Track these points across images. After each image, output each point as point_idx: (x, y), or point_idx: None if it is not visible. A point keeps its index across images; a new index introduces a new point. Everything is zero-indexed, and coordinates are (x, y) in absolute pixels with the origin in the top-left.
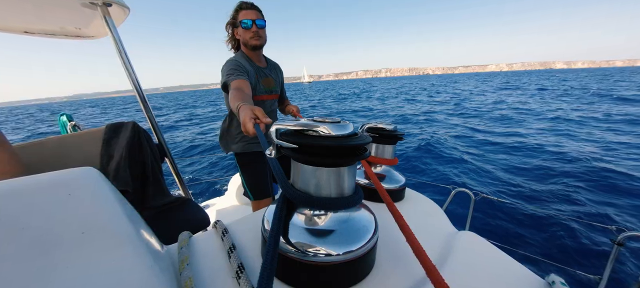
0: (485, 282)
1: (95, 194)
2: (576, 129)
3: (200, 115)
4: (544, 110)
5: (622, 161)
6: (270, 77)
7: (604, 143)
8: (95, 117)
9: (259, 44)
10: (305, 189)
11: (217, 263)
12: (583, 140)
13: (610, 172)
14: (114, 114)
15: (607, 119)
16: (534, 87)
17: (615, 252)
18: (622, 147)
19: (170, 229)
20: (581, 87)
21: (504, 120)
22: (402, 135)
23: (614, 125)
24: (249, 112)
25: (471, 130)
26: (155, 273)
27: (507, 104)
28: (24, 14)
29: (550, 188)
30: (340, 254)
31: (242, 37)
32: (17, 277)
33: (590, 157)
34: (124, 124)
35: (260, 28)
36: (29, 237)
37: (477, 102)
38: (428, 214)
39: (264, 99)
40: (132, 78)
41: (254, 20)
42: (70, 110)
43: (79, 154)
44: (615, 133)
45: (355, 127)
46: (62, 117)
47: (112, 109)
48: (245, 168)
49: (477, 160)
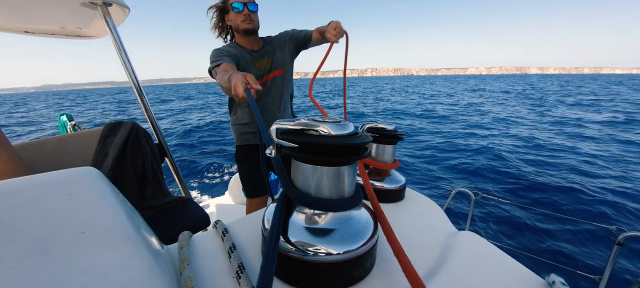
0: (485, 282)
1: (96, 194)
2: (499, 127)
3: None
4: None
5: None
6: (265, 57)
7: (521, 138)
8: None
9: (251, 27)
10: (305, 189)
11: (218, 263)
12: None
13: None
14: (84, 109)
15: (538, 120)
16: (498, 89)
17: (615, 252)
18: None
19: (170, 229)
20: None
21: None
22: (403, 135)
23: (542, 125)
24: (241, 77)
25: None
26: (156, 273)
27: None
28: (25, 14)
29: (538, 186)
30: (341, 253)
31: (233, 22)
32: (17, 276)
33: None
34: (123, 122)
35: (252, 12)
36: (29, 236)
37: (438, 102)
38: (428, 214)
39: (260, 82)
40: (133, 78)
41: (245, 3)
42: (35, 101)
43: (79, 154)
44: (535, 129)
45: (356, 126)
46: (62, 117)
47: (85, 103)
48: (240, 164)
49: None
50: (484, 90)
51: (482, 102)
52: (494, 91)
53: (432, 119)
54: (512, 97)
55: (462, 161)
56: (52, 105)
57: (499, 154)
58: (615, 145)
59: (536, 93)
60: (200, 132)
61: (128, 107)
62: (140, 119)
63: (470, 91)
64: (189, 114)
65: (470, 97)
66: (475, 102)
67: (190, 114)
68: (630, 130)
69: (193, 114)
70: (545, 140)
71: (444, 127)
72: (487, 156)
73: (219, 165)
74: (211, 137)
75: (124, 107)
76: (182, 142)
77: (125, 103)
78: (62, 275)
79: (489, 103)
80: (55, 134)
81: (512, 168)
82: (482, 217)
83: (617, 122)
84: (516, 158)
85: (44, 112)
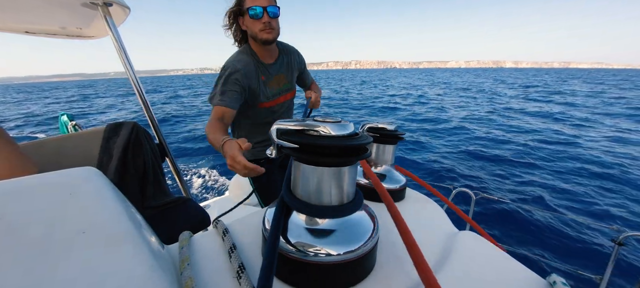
0: (485, 282)
1: (96, 194)
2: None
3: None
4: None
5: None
6: (280, 73)
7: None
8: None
9: (271, 38)
10: (305, 191)
11: (218, 263)
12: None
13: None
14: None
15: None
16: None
17: (615, 252)
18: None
19: (171, 229)
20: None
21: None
22: (403, 134)
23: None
24: (235, 145)
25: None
26: (157, 273)
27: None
28: (25, 14)
29: (535, 187)
30: (341, 254)
31: (250, 29)
32: (18, 276)
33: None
34: (124, 123)
35: (272, 18)
36: (30, 236)
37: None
38: (428, 214)
39: (272, 104)
40: (133, 78)
41: (265, 7)
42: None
43: (79, 154)
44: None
45: (356, 126)
46: (63, 117)
47: (46, 97)
48: (254, 178)
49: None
50: (449, 84)
51: (439, 94)
52: (455, 86)
53: (381, 110)
54: (470, 93)
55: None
56: (9, 102)
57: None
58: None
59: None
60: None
61: (95, 101)
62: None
63: (437, 84)
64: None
65: (429, 90)
66: (430, 95)
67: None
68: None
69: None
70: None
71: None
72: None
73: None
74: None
75: (91, 101)
76: (184, 145)
77: (93, 97)
78: (63, 274)
79: (444, 96)
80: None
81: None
82: (482, 217)
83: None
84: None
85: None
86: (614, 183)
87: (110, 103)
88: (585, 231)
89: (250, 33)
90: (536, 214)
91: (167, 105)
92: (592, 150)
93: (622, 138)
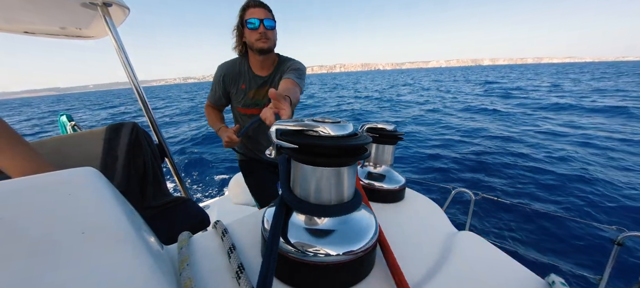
0: (485, 282)
1: (95, 194)
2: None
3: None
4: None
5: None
6: (266, 86)
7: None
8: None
9: (266, 47)
10: (305, 191)
11: (217, 263)
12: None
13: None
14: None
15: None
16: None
17: (615, 252)
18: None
19: (170, 229)
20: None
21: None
22: (403, 135)
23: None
24: (224, 139)
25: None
26: (156, 273)
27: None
28: (25, 15)
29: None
30: (341, 254)
31: (248, 39)
32: (17, 277)
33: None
34: (124, 124)
35: (268, 29)
36: (29, 237)
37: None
38: (428, 214)
39: (246, 112)
40: (133, 79)
41: (262, 19)
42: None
43: (79, 154)
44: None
45: (355, 127)
46: (62, 117)
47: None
48: (249, 178)
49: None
50: (415, 85)
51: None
52: (424, 86)
53: (346, 113)
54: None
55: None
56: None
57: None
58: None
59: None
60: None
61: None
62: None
63: (403, 85)
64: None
65: (401, 90)
66: (396, 95)
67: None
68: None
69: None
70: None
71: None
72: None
73: (218, 165)
74: (213, 135)
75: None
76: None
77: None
78: (62, 275)
79: (411, 94)
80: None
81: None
82: (482, 217)
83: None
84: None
85: None
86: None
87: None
88: (585, 231)
89: (248, 43)
90: (536, 214)
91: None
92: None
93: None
